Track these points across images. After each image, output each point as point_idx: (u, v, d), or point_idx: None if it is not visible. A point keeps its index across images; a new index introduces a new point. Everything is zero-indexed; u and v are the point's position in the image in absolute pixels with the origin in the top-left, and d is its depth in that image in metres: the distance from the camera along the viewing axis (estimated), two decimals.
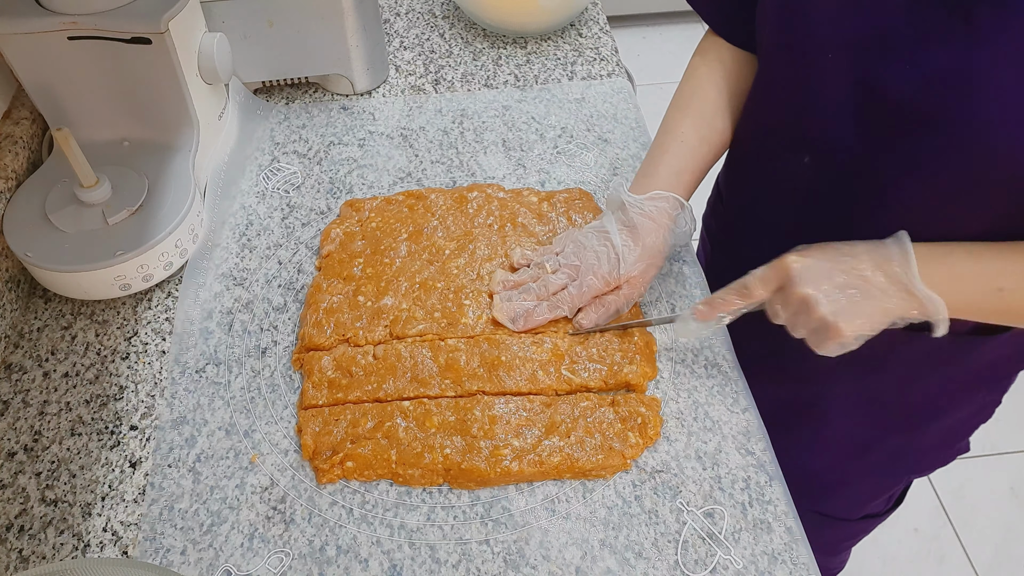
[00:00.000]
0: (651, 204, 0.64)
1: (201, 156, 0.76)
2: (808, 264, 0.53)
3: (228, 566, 0.54)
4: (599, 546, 0.55)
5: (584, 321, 0.64)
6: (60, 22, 0.67)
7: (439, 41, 0.99)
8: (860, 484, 0.84)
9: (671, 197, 0.64)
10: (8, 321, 0.67)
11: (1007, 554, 1.45)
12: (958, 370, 0.68)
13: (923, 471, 0.84)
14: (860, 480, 0.83)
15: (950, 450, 0.81)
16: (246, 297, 0.70)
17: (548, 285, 0.65)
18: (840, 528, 0.90)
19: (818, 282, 0.52)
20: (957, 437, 0.79)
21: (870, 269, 0.52)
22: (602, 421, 0.59)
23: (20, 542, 0.56)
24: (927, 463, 0.82)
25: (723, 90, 0.69)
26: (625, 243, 0.63)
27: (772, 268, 0.55)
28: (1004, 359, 0.69)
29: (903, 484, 0.86)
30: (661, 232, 0.64)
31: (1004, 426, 1.63)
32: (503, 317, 0.65)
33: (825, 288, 0.52)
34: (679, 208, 0.65)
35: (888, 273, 0.52)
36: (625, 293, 0.64)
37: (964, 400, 0.73)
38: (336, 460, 0.57)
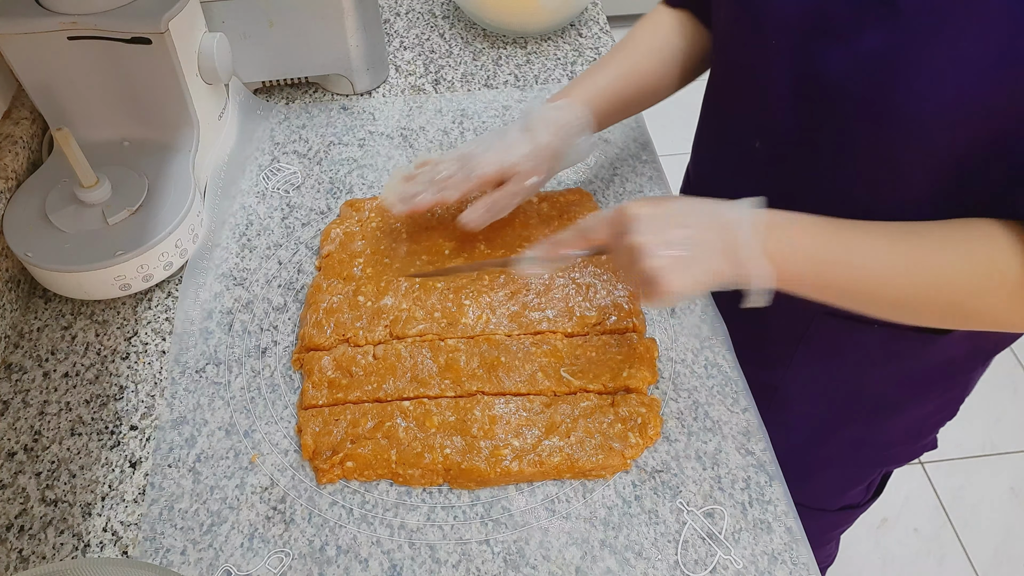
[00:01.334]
0: (554, 112, 0.65)
1: (201, 156, 0.76)
2: (647, 213, 0.52)
3: (228, 566, 0.54)
4: (599, 546, 0.55)
5: (468, 218, 0.65)
6: (60, 22, 0.67)
7: (439, 41, 0.99)
8: (828, 473, 0.84)
9: (574, 107, 0.66)
10: (8, 321, 0.67)
11: (1007, 554, 1.45)
12: (914, 365, 0.69)
13: (890, 464, 0.84)
14: (827, 469, 0.83)
15: (914, 445, 0.81)
16: (246, 297, 0.70)
17: (436, 172, 0.66)
18: (820, 518, 0.90)
19: (652, 233, 0.51)
20: (921, 434, 0.79)
21: (706, 228, 0.52)
22: (602, 421, 0.59)
23: (20, 542, 0.56)
24: (892, 457, 0.82)
25: (659, 39, 0.71)
26: (516, 139, 0.64)
27: (614, 213, 0.54)
28: (961, 357, 0.69)
29: (876, 475, 0.87)
30: (555, 137, 0.65)
31: (1004, 426, 1.63)
32: (389, 198, 0.66)
33: (657, 240, 0.51)
34: (581, 121, 0.66)
35: (722, 235, 0.51)
36: (510, 189, 0.64)
37: (923, 397, 0.73)
38: (336, 460, 0.57)
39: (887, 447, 0.80)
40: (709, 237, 0.51)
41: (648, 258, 0.51)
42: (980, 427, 1.63)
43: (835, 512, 0.90)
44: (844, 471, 0.84)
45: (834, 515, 0.91)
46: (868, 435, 0.77)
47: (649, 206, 0.53)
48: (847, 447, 0.79)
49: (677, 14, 0.72)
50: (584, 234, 0.57)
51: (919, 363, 0.68)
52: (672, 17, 0.72)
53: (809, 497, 0.85)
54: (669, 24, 0.72)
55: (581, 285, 0.67)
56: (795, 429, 0.78)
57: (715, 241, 0.51)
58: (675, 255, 0.51)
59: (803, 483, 0.83)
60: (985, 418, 1.64)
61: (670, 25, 0.72)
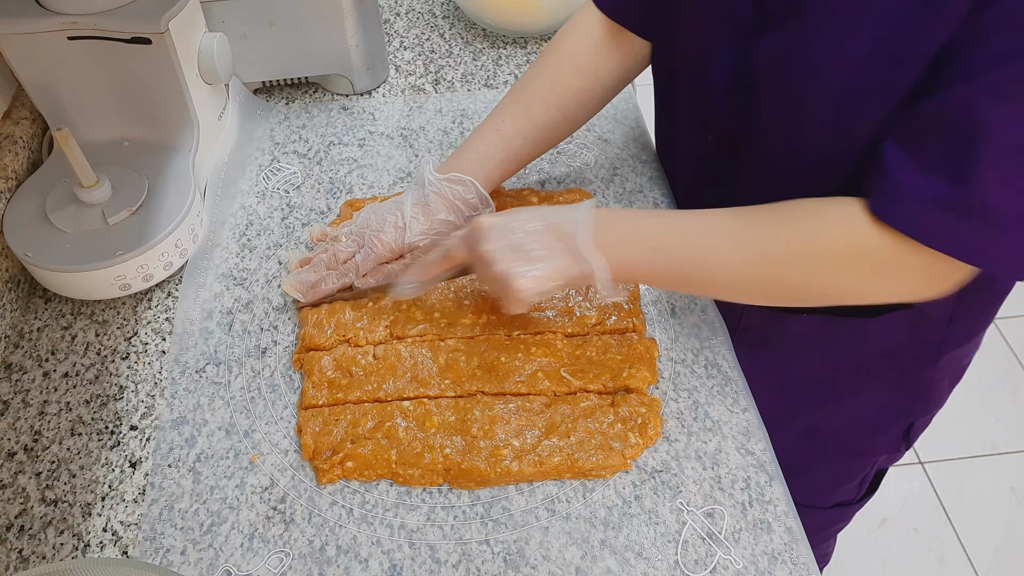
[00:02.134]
0: (448, 186, 0.67)
1: (201, 156, 0.76)
2: (491, 224, 0.57)
3: (228, 566, 0.54)
4: (599, 546, 0.55)
5: (363, 284, 0.66)
6: (60, 22, 0.67)
7: (439, 41, 0.99)
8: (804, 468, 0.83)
9: (468, 182, 0.67)
10: (8, 321, 0.67)
11: (1007, 554, 1.45)
12: (854, 351, 0.70)
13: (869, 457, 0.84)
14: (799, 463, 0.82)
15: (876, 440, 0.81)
16: (246, 297, 0.70)
17: (337, 254, 0.68)
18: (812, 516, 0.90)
19: (497, 241, 0.56)
20: (879, 427, 0.79)
21: (546, 231, 0.56)
22: (602, 421, 0.59)
23: (20, 542, 0.56)
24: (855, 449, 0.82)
25: (559, 83, 0.68)
26: (414, 216, 0.66)
27: (468, 230, 0.58)
28: (905, 351, 0.69)
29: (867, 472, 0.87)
30: (452, 212, 0.67)
31: (1004, 426, 1.63)
32: (292, 290, 0.67)
33: (501, 246, 0.56)
34: (474, 193, 0.67)
35: (560, 234, 0.55)
36: (406, 262, 0.67)
37: (872, 385, 0.73)
38: (336, 460, 0.57)
39: (846, 438, 0.80)
40: (549, 238, 0.56)
41: (496, 263, 0.56)
42: (980, 427, 1.63)
43: (828, 509, 0.91)
44: (822, 467, 0.84)
45: (828, 512, 0.91)
46: (820, 426, 0.78)
47: (495, 217, 0.58)
48: (803, 438, 0.79)
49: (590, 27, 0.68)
50: (447, 253, 0.60)
51: (858, 350, 0.70)
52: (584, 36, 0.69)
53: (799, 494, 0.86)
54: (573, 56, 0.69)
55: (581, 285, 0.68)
56: None
57: (554, 241, 0.56)
58: (519, 258, 0.55)
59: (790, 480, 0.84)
60: (985, 418, 1.64)
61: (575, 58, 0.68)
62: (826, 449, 0.81)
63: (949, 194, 0.46)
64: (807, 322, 0.67)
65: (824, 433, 0.79)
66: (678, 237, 0.55)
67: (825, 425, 0.78)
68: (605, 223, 0.56)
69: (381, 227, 0.66)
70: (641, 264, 0.56)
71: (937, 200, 0.46)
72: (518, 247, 0.56)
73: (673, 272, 0.56)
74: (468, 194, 0.67)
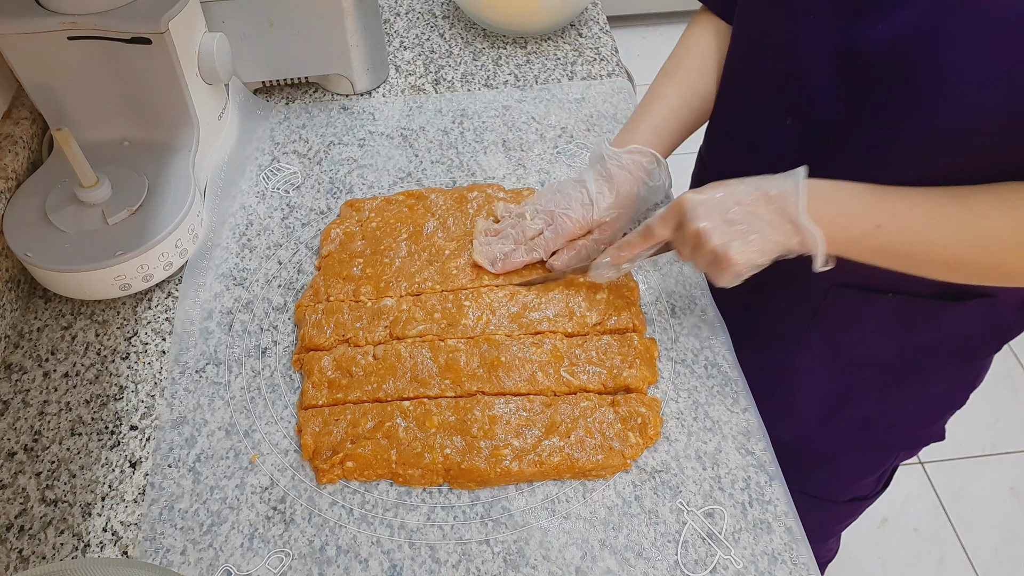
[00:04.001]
0: (628, 157, 0.67)
1: (201, 156, 0.76)
2: (701, 200, 0.56)
3: (228, 566, 0.54)
4: (599, 546, 0.55)
5: (556, 263, 0.67)
6: (60, 22, 0.67)
7: (439, 41, 0.99)
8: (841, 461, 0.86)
9: (647, 151, 0.68)
10: (8, 321, 0.67)
11: (1007, 554, 1.45)
12: (926, 336, 0.70)
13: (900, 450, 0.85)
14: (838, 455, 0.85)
15: (924, 430, 0.81)
16: (246, 297, 0.70)
17: (525, 230, 0.68)
18: (828, 511, 0.93)
19: (710, 216, 0.56)
20: (929, 418, 0.80)
21: (760, 203, 0.55)
22: (602, 421, 0.59)
23: (20, 542, 0.56)
24: (902, 442, 0.83)
25: (708, 57, 0.71)
26: (600, 191, 0.67)
27: (670, 207, 0.58)
28: (975, 337, 0.70)
29: (887, 466, 0.88)
30: (635, 183, 0.67)
31: (1004, 426, 1.63)
32: (483, 260, 0.68)
33: (716, 222, 0.55)
34: (655, 163, 0.68)
35: (776, 206, 0.55)
36: (596, 238, 0.68)
37: (934, 373, 0.74)
38: (336, 460, 0.57)
39: (897, 428, 0.80)
40: (763, 210, 0.55)
41: (711, 240, 0.55)
42: (980, 427, 1.63)
43: (844, 504, 0.92)
44: (856, 457, 0.85)
45: (843, 507, 0.92)
46: (878, 414, 0.78)
47: (702, 193, 0.57)
48: (856, 428, 0.79)
49: (713, 20, 0.72)
50: (647, 233, 0.60)
51: (931, 335, 0.69)
52: (711, 26, 0.72)
53: (819, 487, 0.87)
54: (710, 35, 0.72)
55: (581, 285, 0.68)
56: (804, 411, 0.79)
57: (769, 213, 0.55)
58: (735, 232, 0.55)
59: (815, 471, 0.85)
60: (985, 418, 1.64)
61: (711, 36, 0.72)
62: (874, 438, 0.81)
63: None
64: (890, 304, 0.67)
65: (879, 423, 0.79)
66: (898, 215, 0.54)
67: (882, 415, 0.78)
68: (822, 193, 0.55)
69: (569, 204, 0.67)
70: (857, 238, 0.55)
71: None
72: (732, 221, 0.55)
73: (890, 250, 0.55)
74: (649, 164, 0.68)
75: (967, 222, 0.53)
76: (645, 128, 0.69)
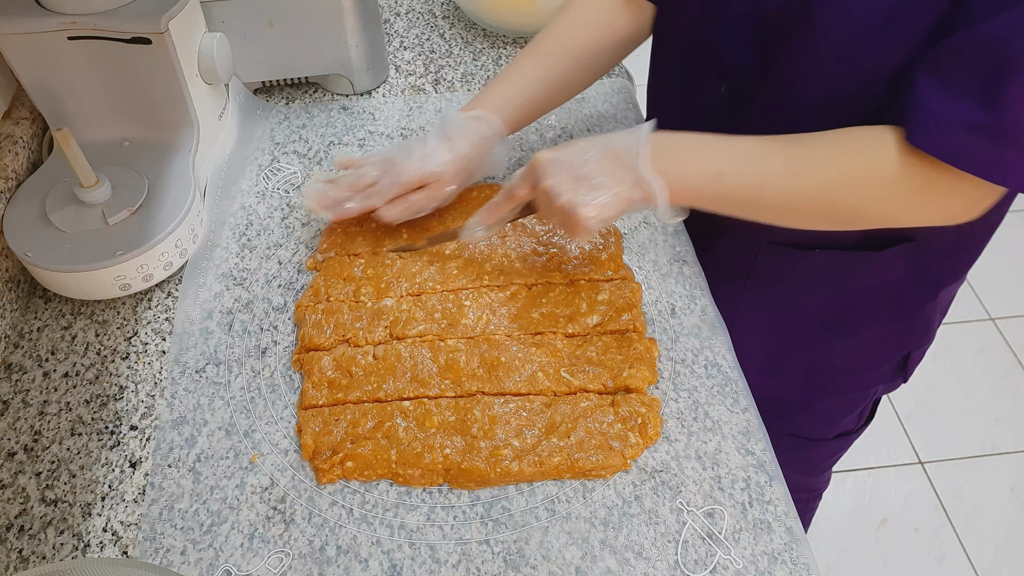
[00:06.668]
0: (470, 122, 0.69)
1: (201, 156, 0.76)
2: (550, 159, 0.59)
3: (228, 566, 0.54)
4: (599, 546, 0.55)
5: (388, 214, 0.69)
6: (60, 22, 0.67)
7: (439, 41, 0.99)
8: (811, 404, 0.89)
9: (489, 118, 0.70)
10: (8, 321, 0.67)
11: (1007, 554, 1.45)
12: (854, 286, 0.72)
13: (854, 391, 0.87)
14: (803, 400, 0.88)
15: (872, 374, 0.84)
16: (246, 297, 0.70)
17: (360, 178, 0.70)
18: (818, 448, 0.96)
19: (558, 173, 0.58)
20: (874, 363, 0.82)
21: (606, 158, 0.58)
22: (602, 421, 0.59)
23: (20, 542, 0.56)
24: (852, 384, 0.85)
25: (579, 36, 0.72)
26: (436, 147, 0.68)
27: (526, 167, 0.61)
28: (901, 284, 0.72)
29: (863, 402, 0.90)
30: (472, 148, 0.69)
31: (1004, 426, 1.63)
32: (312, 202, 0.69)
33: (563, 178, 0.58)
34: (494, 131, 0.70)
35: (620, 160, 0.57)
36: (429, 194, 0.69)
37: (868, 320, 0.76)
38: (336, 460, 0.57)
39: (844, 374, 0.82)
40: (609, 166, 0.57)
41: (560, 196, 0.57)
42: (980, 427, 1.63)
43: (832, 440, 0.95)
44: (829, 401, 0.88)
45: (831, 443, 0.96)
46: (822, 361, 0.81)
47: (553, 151, 0.60)
48: (805, 375, 0.82)
49: None
50: (508, 194, 0.63)
51: (859, 283, 0.72)
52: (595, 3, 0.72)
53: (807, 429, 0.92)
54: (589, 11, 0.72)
55: (582, 287, 0.68)
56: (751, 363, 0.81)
57: (615, 168, 0.57)
58: (583, 188, 0.57)
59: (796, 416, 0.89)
60: (985, 418, 1.64)
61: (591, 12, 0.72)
62: (828, 384, 0.84)
63: (982, 119, 0.48)
64: (817, 258, 0.70)
65: (826, 368, 0.82)
66: (737, 161, 0.57)
67: (827, 360, 0.81)
68: (664, 146, 0.57)
69: (407, 156, 0.68)
70: (700, 187, 0.57)
71: (970, 125, 0.49)
72: (579, 177, 0.57)
73: (730, 195, 0.57)
74: (488, 132, 0.70)
75: (802, 166, 0.55)
76: (492, 97, 0.71)
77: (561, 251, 0.71)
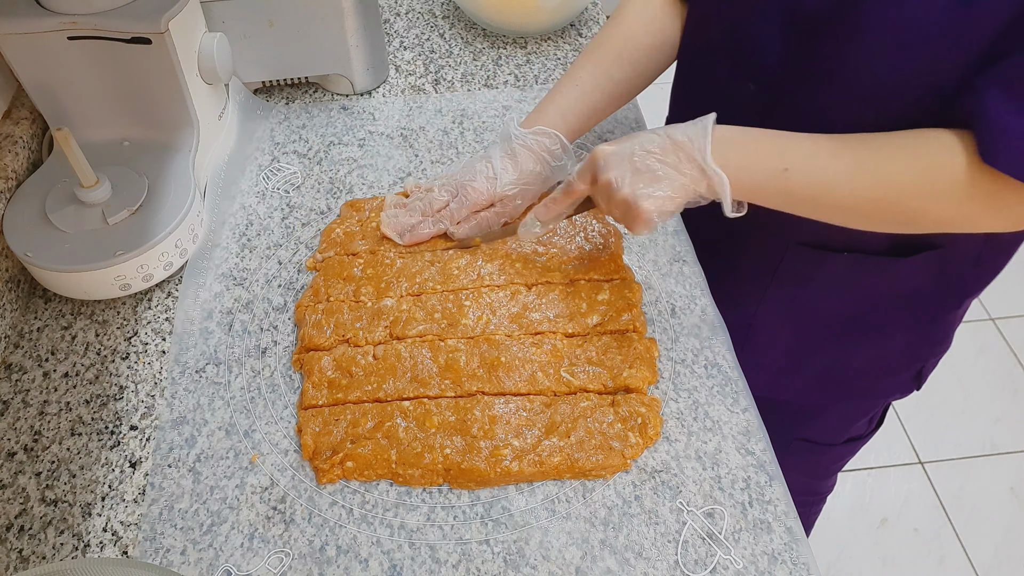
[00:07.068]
0: (532, 138, 0.70)
1: (201, 156, 0.76)
2: (611, 151, 0.58)
3: (228, 566, 0.54)
4: (599, 546, 0.55)
5: (459, 232, 0.70)
6: (60, 22, 0.67)
7: (439, 41, 0.99)
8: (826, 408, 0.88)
9: (552, 133, 0.70)
10: (8, 321, 0.67)
11: (1007, 554, 1.45)
12: (879, 291, 0.72)
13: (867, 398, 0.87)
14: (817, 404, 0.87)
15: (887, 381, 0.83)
16: (246, 297, 0.70)
17: (432, 202, 0.71)
18: (827, 452, 0.96)
19: (619, 166, 0.57)
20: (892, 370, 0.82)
21: (668, 151, 0.57)
22: (602, 421, 0.59)
23: (20, 542, 0.56)
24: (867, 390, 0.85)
25: (631, 40, 0.72)
26: (504, 167, 0.70)
27: (586, 161, 0.60)
28: (927, 291, 0.72)
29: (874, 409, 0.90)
30: (538, 163, 0.70)
31: (1004, 426, 1.63)
32: (389, 231, 0.71)
33: (625, 171, 0.57)
34: (559, 145, 0.70)
35: (684, 153, 0.56)
36: (498, 211, 0.71)
37: (890, 326, 0.76)
38: (336, 460, 0.57)
39: (860, 379, 0.82)
40: (671, 158, 0.56)
41: (621, 189, 0.57)
42: (980, 427, 1.63)
43: (841, 445, 0.95)
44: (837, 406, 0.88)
45: (841, 447, 0.96)
46: (841, 366, 0.80)
47: (612, 144, 0.59)
48: (820, 379, 0.82)
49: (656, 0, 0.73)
50: (568, 189, 0.62)
51: (883, 289, 0.72)
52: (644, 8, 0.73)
53: (817, 434, 0.92)
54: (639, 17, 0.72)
55: (582, 287, 0.68)
56: (769, 365, 0.81)
57: (677, 160, 0.56)
58: (644, 180, 0.56)
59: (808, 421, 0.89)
60: (985, 418, 1.64)
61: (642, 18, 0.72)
62: (844, 389, 0.84)
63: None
64: (844, 260, 0.69)
65: (844, 374, 0.81)
66: (803, 158, 0.56)
67: (846, 366, 0.80)
68: (728, 140, 0.56)
69: (473, 177, 0.70)
70: (763, 182, 0.56)
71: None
72: (641, 170, 0.56)
73: (794, 192, 0.56)
74: (553, 145, 0.70)
75: (871, 167, 0.55)
76: (552, 110, 0.71)
77: (561, 251, 0.71)
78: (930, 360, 0.81)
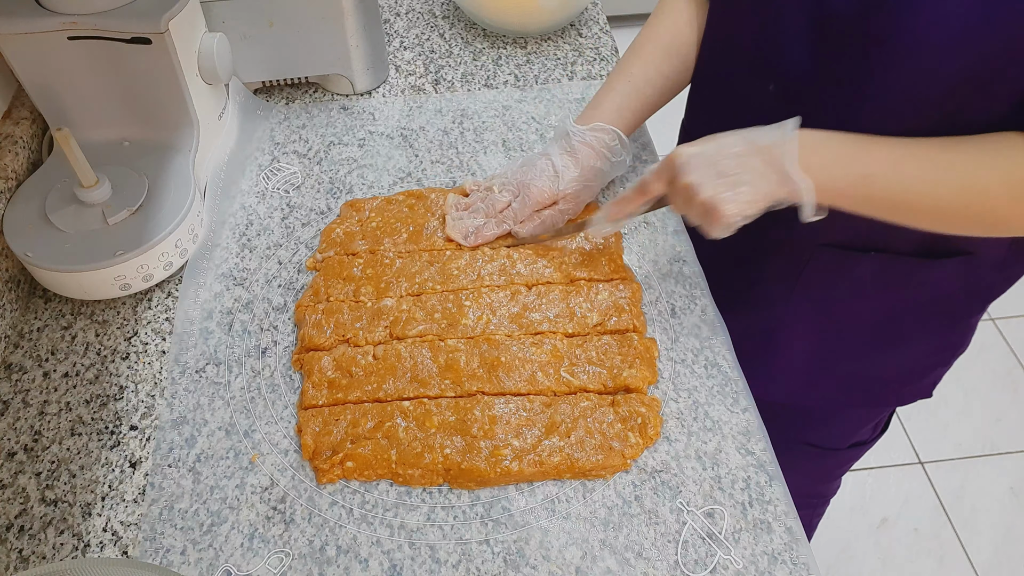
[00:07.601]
0: (591, 134, 0.70)
1: (201, 156, 0.76)
2: (692, 153, 0.57)
3: (228, 566, 0.54)
4: (599, 546, 0.55)
5: (523, 231, 0.70)
6: (60, 22, 0.67)
7: (439, 41, 0.99)
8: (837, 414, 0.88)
9: (609, 129, 0.70)
10: (8, 321, 0.67)
11: (1007, 554, 1.45)
12: (907, 295, 0.71)
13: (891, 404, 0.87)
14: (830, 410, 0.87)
15: (908, 388, 0.83)
16: (246, 297, 0.70)
17: (495, 203, 0.71)
18: (831, 457, 0.96)
19: (700, 169, 0.56)
20: (914, 375, 0.81)
21: (750, 154, 0.56)
22: (602, 421, 0.59)
23: (20, 542, 0.56)
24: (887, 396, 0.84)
25: (677, 35, 0.73)
26: (565, 164, 0.70)
27: (663, 162, 0.59)
28: (955, 296, 0.71)
29: (882, 415, 0.90)
30: (598, 158, 0.70)
31: (1004, 426, 1.63)
32: (456, 235, 0.71)
33: (706, 174, 0.56)
34: (616, 140, 0.71)
35: (766, 157, 0.55)
36: (560, 208, 0.71)
37: (917, 331, 0.75)
38: (336, 460, 0.57)
39: (883, 385, 0.82)
40: (753, 161, 0.55)
41: (701, 192, 0.55)
42: (980, 427, 1.63)
43: (846, 449, 0.95)
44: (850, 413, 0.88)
45: (845, 452, 0.96)
46: (864, 371, 0.80)
47: (693, 147, 0.57)
48: (843, 384, 0.81)
49: None
50: (642, 188, 0.61)
51: (912, 293, 0.71)
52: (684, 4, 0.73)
53: (820, 438, 0.91)
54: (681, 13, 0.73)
55: (582, 286, 0.68)
56: (792, 370, 0.80)
57: (759, 164, 0.55)
58: (725, 184, 0.55)
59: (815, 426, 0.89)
60: (985, 418, 1.64)
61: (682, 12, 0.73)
62: (865, 395, 0.83)
63: None
64: (872, 263, 0.68)
65: (865, 380, 0.81)
66: (884, 164, 0.55)
67: (868, 372, 0.80)
68: (811, 145, 0.56)
69: (535, 176, 0.70)
70: (846, 188, 0.55)
71: None
72: (722, 173, 0.55)
73: (879, 198, 0.56)
74: (612, 141, 0.70)
75: (956, 171, 0.54)
76: (608, 106, 0.72)
77: (561, 251, 0.71)
78: (946, 367, 0.81)
